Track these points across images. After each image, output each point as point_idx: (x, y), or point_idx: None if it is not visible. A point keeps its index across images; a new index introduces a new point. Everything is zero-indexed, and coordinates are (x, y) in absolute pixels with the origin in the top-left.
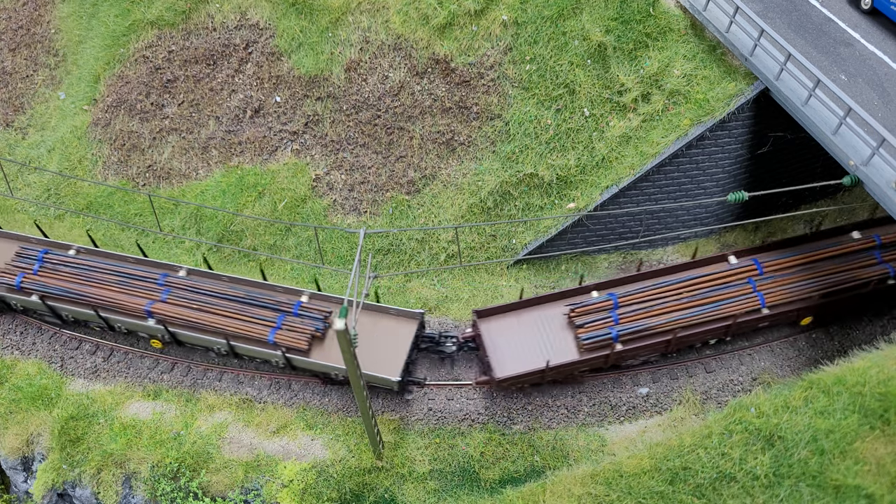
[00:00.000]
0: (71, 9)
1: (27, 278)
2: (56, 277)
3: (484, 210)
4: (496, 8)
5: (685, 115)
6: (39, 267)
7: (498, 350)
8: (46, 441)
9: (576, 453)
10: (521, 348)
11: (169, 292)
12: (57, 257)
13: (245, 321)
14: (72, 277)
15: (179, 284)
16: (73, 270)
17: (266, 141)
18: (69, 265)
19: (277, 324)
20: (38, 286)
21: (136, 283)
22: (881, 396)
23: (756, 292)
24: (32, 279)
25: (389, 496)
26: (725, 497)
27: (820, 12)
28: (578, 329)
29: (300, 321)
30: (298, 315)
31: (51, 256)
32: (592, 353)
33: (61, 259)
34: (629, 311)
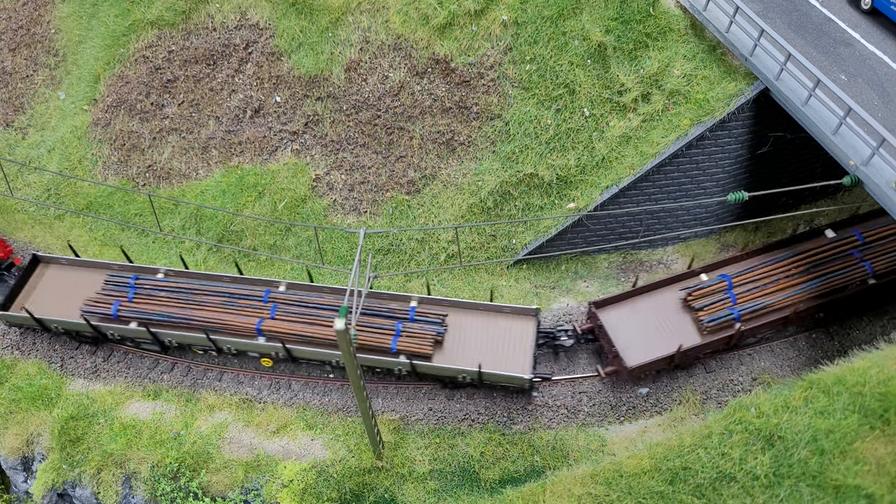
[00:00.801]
0: (71, 9)
1: (124, 306)
2: (153, 303)
3: (484, 210)
4: (496, 8)
5: (685, 115)
6: (134, 294)
7: (623, 339)
8: (46, 441)
9: (576, 453)
10: (645, 335)
11: (276, 308)
12: (149, 282)
13: (365, 332)
14: (170, 301)
15: (284, 300)
16: (169, 294)
17: (266, 141)
18: (163, 289)
19: (397, 331)
20: (136, 313)
21: (239, 302)
22: (881, 396)
23: (862, 262)
24: (129, 307)
25: (389, 496)
26: (725, 497)
27: (820, 12)
28: (698, 312)
29: (419, 327)
30: (415, 321)
31: (142, 281)
32: (716, 335)
33: (154, 283)
34: (744, 291)
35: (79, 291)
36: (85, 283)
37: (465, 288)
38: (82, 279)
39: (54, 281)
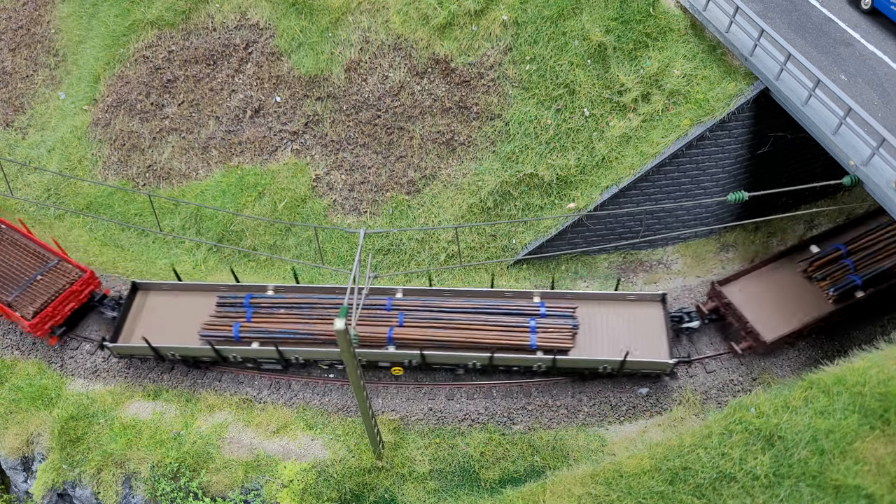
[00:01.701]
0: (71, 9)
1: (245, 327)
2: (274, 320)
3: (484, 210)
4: (496, 8)
5: (685, 115)
6: (252, 313)
7: (753, 314)
8: (46, 441)
9: (576, 453)
10: (774, 308)
11: (404, 316)
12: (264, 300)
13: (501, 331)
14: (291, 317)
15: (408, 307)
16: (288, 311)
17: (266, 141)
18: (281, 306)
19: (532, 328)
20: (259, 333)
21: (363, 313)
22: (881, 396)
23: None
24: (250, 327)
25: (389, 496)
26: (725, 497)
27: (820, 12)
28: (820, 282)
29: (554, 321)
30: (547, 316)
31: (257, 300)
32: (842, 303)
33: (270, 301)
34: (860, 259)
35: (185, 316)
36: (188, 307)
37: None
38: (185, 303)
39: (158, 308)
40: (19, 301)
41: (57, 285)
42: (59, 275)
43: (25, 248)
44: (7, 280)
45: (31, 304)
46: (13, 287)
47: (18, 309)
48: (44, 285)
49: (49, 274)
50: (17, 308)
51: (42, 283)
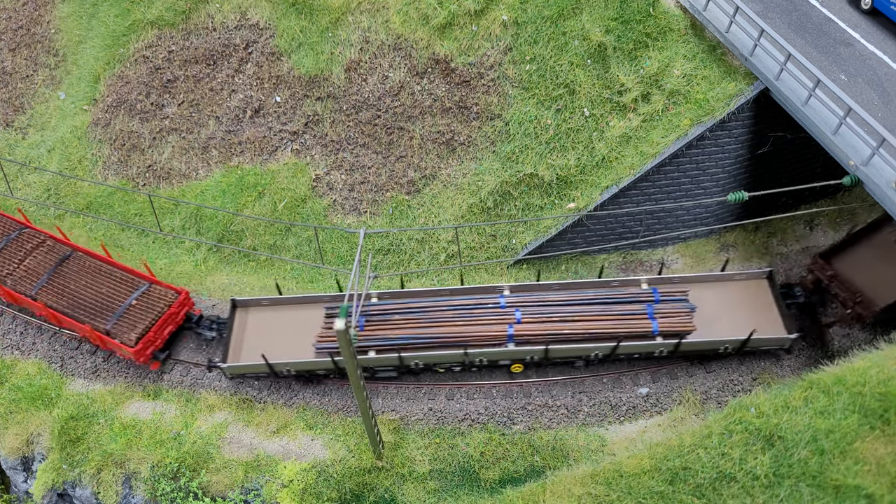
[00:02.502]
0: (71, 9)
1: (361, 336)
2: (389, 327)
3: (484, 210)
4: (496, 8)
5: (685, 115)
6: (365, 321)
7: (862, 282)
8: (46, 441)
9: (576, 453)
10: (879, 277)
11: (521, 312)
12: (374, 307)
13: (622, 319)
14: (406, 323)
15: (523, 303)
16: (401, 317)
17: (266, 141)
18: (393, 312)
19: (650, 314)
20: (377, 341)
21: (477, 313)
22: (881, 396)
23: None
24: (365, 335)
25: (389, 496)
26: (725, 497)
27: (820, 12)
28: None
29: (671, 306)
30: (661, 301)
31: (368, 308)
32: None
33: (381, 308)
34: None
35: (289, 330)
36: (290, 321)
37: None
38: (287, 318)
39: (260, 324)
40: (118, 328)
41: (156, 309)
42: (155, 298)
43: (110, 274)
44: (100, 308)
45: (133, 330)
46: (108, 314)
47: (118, 336)
48: (141, 310)
49: (144, 298)
50: (116, 335)
51: (139, 308)
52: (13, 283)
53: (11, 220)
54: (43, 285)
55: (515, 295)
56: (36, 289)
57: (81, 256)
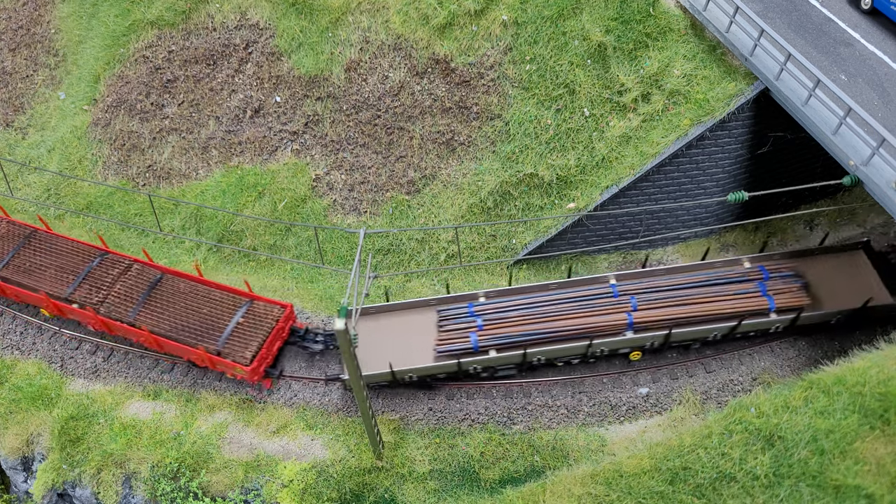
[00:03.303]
0: (71, 9)
1: (482, 335)
2: (508, 325)
3: (484, 210)
4: (496, 8)
5: (685, 115)
6: (483, 321)
7: None
8: (46, 441)
9: (576, 453)
10: None
11: (635, 299)
12: (488, 306)
13: (738, 299)
14: (524, 320)
15: (636, 290)
16: (518, 313)
17: (266, 141)
18: (508, 310)
19: (763, 291)
20: (498, 339)
21: (593, 304)
22: (881, 396)
23: None
24: (485, 335)
25: (389, 496)
26: (725, 497)
27: (820, 12)
28: None
29: (782, 283)
30: (771, 278)
31: (482, 308)
32: None
33: (496, 307)
34: None
35: (401, 337)
36: (400, 327)
37: (465, 288)
38: (396, 324)
39: (371, 332)
40: (230, 348)
41: (264, 325)
42: (261, 314)
43: (208, 294)
44: (206, 329)
45: (246, 349)
46: (216, 335)
47: (231, 356)
48: (249, 328)
49: (249, 315)
50: (229, 355)
51: (246, 326)
52: (107, 310)
53: (91, 247)
54: (140, 310)
55: (627, 283)
56: (133, 314)
57: (173, 278)
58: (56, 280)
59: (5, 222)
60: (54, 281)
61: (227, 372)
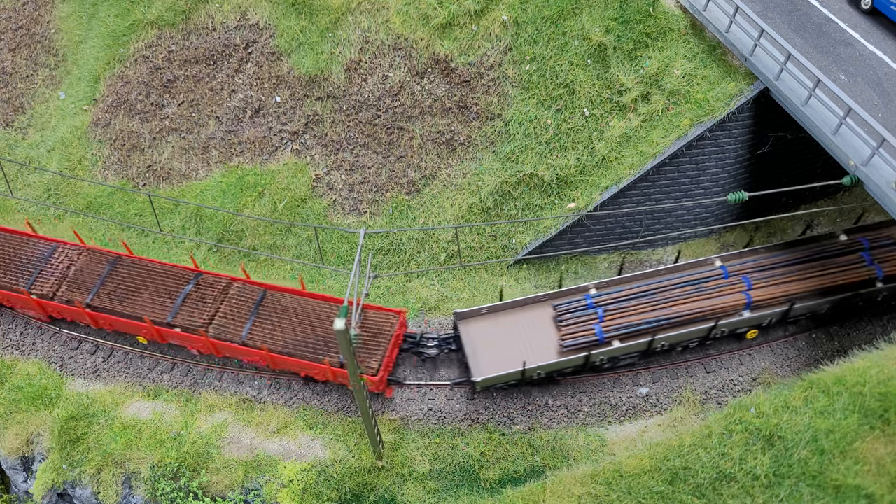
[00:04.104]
0: (71, 9)
1: (606, 326)
2: (628, 314)
3: (484, 210)
4: (496, 8)
5: (685, 115)
6: (604, 312)
7: None
8: (46, 441)
9: (576, 453)
10: None
11: (748, 278)
12: (605, 297)
13: (848, 270)
14: (644, 307)
15: (746, 270)
16: (636, 302)
17: (266, 141)
18: (625, 299)
19: (868, 260)
20: (623, 329)
21: (706, 287)
22: (881, 396)
23: None
24: (607, 326)
25: (389, 496)
26: (725, 497)
27: (820, 12)
28: None
29: (884, 251)
30: (872, 248)
31: (600, 298)
32: None
33: (611, 297)
34: None
35: (517, 335)
36: (513, 325)
37: (465, 288)
38: (510, 323)
39: (486, 333)
40: None
41: (384, 334)
42: (377, 323)
43: (316, 307)
44: (323, 342)
45: (371, 359)
46: (336, 347)
47: (360, 368)
48: (369, 337)
49: (366, 325)
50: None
51: (366, 336)
52: (217, 332)
53: (183, 269)
54: (251, 330)
55: (734, 263)
56: (245, 334)
57: (277, 294)
58: (154, 305)
59: (86, 250)
60: (152, 306)
61: (349, 384)
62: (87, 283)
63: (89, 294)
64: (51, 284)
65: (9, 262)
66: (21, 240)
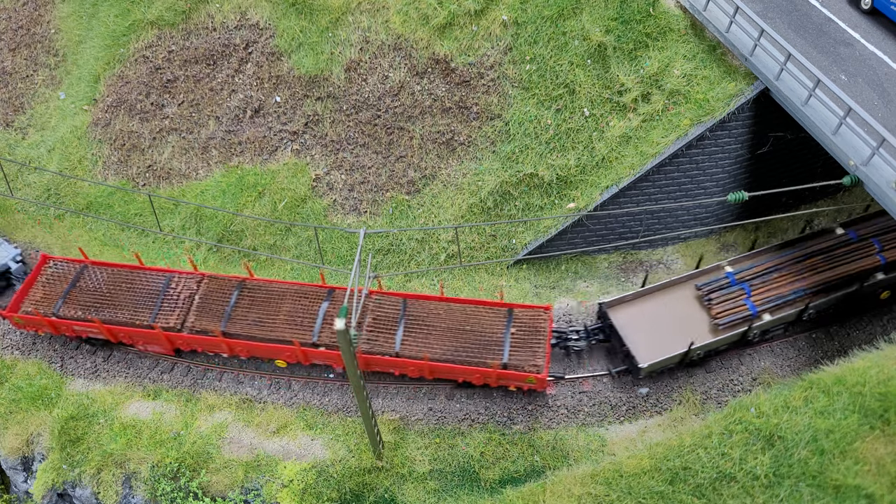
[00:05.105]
0: (71, 9)
1: (756, 299)
2: (773, 286)
3: (484, 210)
4: (496, 8)
5: (685, 115)
6: (749, 286)
7: None
8: (46, 441)
9: (576, 453)
10: None
11: (877, 240)
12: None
13: None
14: (786, 278)
15: (875, 233)
16: (777, 274)
17: (266, 141)
18: (769, 271)
19: None
20: (772, 302)
21: (837, 253)
22: (881, 396)
23: None
24: (756, 300)
25: (389, 496)
26: (725, 497)
27: (820, 12)
28: None
29: None
30: None
31: (743, 274)
32: None
33: (753, 272)
34: None
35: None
36: (659, 308)
37: (465, 288)
38: (654, 306)
39: (633, 319)
40: (517, 359)
41: (539, 331)
42: (528, 320)
43: (461, 311)
44: (482, 345)
45: (535, 357)
46: (496, 349)
47: (521, 367)
48: (526, 336)
49: (518, 324)
50: (518, 367)
51: (521, 335)
52: (369, 346)
53: (314, 287)
54: (403, 340)
55: (860, 227)
56: (398, 345)
57: (419, 302)
58: (294, 326)
59: (206, 277)
60: (293, 328)
61: (511, 385)
62: (216, 311)
63: (221, 321)
64: (176, 316)
65: (125, 298)
66: (132, 273)
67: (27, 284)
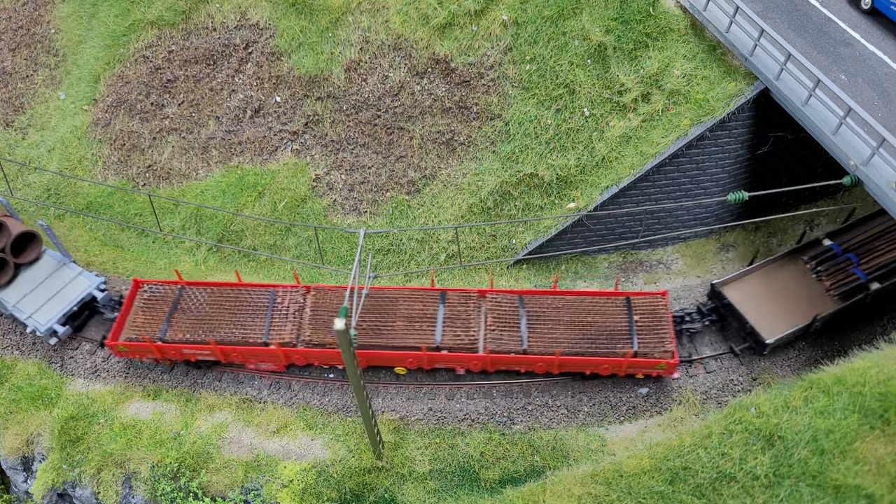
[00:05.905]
0: (71, 9)
1: (863, 268)
2: (878, 255)
3: (484, 210)
4: (496, 8)
5: (685, 115)
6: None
7: None
8: (46, 441)
9: (576, 453)
10: None
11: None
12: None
13: None
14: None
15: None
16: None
17: (266, 141)
18: (873, 238)
19: None
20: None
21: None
22: (881, 396)
23: None
24: (864, 268)
25: (389, 496)
26: (725, 497)
27: (820, 12)
28: None
29: None
30: None
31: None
32: None
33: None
34: None
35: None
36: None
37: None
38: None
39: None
40: (646, 346)
41: (661, 316)
42: (648, 307)
43: (579, 303)
44: (609, 336)
45: (664, 343)
46: (624, 338)
47: (652, 354)
48: (650, 323)
49: (640, 311)
50: (649, 354)
51: (645, 322)
52: (495, 346)
53: (427, 290)
54: (529, 337)
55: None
56: (524, 342)
57: (536, 298)
58: (414, 332)
59: (314, 289)
60: (413, 333)
61: (639, 372)
62: (328, 322)
63: None
64: (289, 331)
65: (231, 317)
66: (234, 291)
67: (125, 311)
